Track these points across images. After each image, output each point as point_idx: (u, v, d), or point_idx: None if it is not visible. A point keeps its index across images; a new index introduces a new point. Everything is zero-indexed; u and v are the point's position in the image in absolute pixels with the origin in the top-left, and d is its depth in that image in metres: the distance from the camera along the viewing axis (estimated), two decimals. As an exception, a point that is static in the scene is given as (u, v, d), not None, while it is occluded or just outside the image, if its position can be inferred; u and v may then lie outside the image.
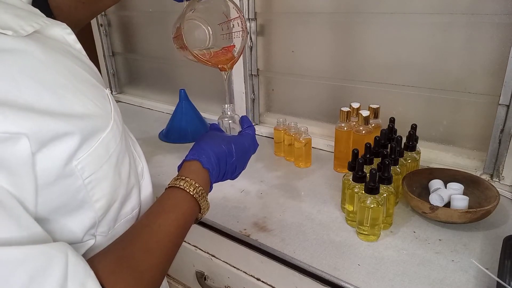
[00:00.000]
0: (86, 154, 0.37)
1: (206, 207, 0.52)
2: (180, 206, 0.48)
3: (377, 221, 0.67)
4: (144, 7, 1.42)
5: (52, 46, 0.39)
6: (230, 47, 0.73)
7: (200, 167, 0.53)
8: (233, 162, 0.58)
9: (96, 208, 0.40)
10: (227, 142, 0.58)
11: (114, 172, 0.42)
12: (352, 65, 1.01)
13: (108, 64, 1.61)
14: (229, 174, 0.58)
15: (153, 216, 0.46)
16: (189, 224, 0.49)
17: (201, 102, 1.30)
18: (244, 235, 0.73)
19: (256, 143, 0.65)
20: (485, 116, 0.84)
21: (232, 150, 0.57)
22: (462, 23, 0.82)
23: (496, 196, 0.70)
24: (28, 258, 0.30)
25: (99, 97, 0.41)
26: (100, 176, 0.39)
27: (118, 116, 0.44)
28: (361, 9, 0.94)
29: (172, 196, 0.49)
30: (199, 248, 0.82)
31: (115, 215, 0.45)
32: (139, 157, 0.53)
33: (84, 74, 0.41)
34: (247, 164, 0.63)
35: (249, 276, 0.74)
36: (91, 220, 0.40)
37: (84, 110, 0.38)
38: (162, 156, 1.08)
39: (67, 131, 0.35)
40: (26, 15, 0.38)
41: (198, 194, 0.50)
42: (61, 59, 0.39)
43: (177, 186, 0.50)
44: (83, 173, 0.37)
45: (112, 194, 0.42)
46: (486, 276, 0.59)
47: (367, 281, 0.60)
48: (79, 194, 0.38)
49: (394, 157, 0.75)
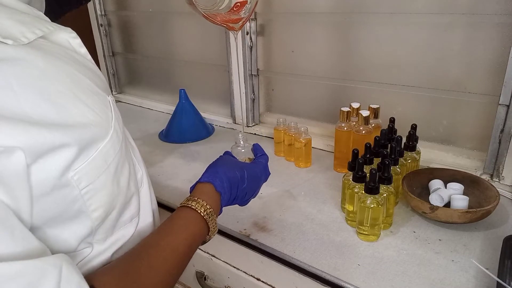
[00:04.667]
0: (84, 164, 0.37)
1: (214, 230, 0.53)
2: (189, 226, 0.49)
3: (377, 221, 0.67)
4: (144, 7, 1.42)
5: (54, 53, 0.39)
6: (243, 2, 0.67)
7: (212, 189, 0.54)
8: (244, 188, 0.59)
9: (93, 217, 0.40)
10: (240, 168, 0.59)
11: (113, 181, 0.42)
12: (352, 65, 1.01)
13: (108, 64, 1.61)
14: (239, 199, 0.59)
15: (162, 234, 0.47)
16: (197, 244, 0.50)
17: (201, 102, 1.30)
18: (244, 235, 0.73)
19: (268, 172, 0.66)
20: (485, 116, 0.84)
21: (244, 176, 0.58)
22: (462, 23, 0.82)
23: (496, 196, 0.70)
24: (20, 273, 0.30)
25: (101, 105, 0.41)
26: (97, 186, 0.39)
27: (118, 123, 0.43)
28: (361, 9, 0.94)
29: (183, 215, 0.50)
30: (199, 248, 0.82)
31: (113, 223, 0.44)
32: (139, 163, 0.52)
33: (87, 81, 0.41)
34: (259, 192, 0.65)
35: (249, 276, 0.74)
36: (88, 229, 0.40)
37: (83, 120, 0.37)
38: (162, 156, 1.08)
39: (63, 142, 0.35)
40: (30, 21, 0.38)
41: (208, 216, 0.51)
42: (64, 66, 0.39)
43: (189, 206, 0.51)
44: (80, 183, 0.37)
45: (110, 203, 0.42)
46: (486, 276, 0.59)
47: (367, 281, 0.60)
48: (75, 204, 0.38)
49: (394, 157, 0.75)
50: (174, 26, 1.36)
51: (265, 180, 0.66)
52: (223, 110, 1.32)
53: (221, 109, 1.33)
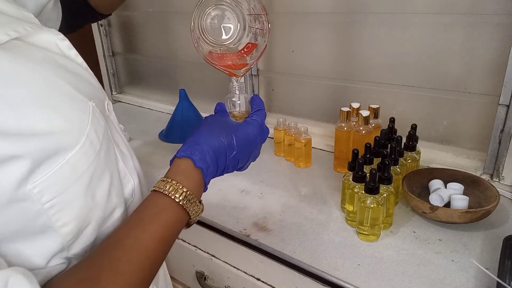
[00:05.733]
0: (45, 177, 0.34)
1: (197, 211, 0.46)
2: (162, 216, 0.42)
3: (377, 221, 0.67)
4: (144, 7, 1.42)
5: (28, 56, 0.37)
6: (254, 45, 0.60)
7: (191, 166, 0.46)
8: (235, 156, 0.50)
9: (63, 233, 0.37)
10: (228, 133, 0.50)
11: (86, 194, 0.38)
12: (352, 65, 1.01)
13: (108, 64, 1.61)
14: (230, 168, 0.51)
15: (128, 229, 0.41)
16: (174, 235, 0.44)
17: (201, 102, 1.30)
18: (244, 235, 0.73)
19: (264, 131, 0.55)
20: (485, 116, 0.84)
21: (233, 143, 0.50)
22: (462, 23, 0.82)
23: (496, 196, 0.70)
24: None
25: (76, 111, 0.38)
26: (66, 199, 0.36)
27: (96, 131, 0.40)
28: (361, 9, 0.94)
29: (154, 203, 0.43)
30: (199, 248, 0.82)
31: (92, 237, 0.41)
32: (130, 173, 0.48)
33: (64, 85, 0.38)
34: (259, 153, 0.57)
35: (249, 276, 0.74)
36: (58, 244, 0.37)
37: (47, 128, 0.35)
38: (162, 156, 1.08)
39: (14, 154, 0.32)
40: (7, 21, 0.36)
41: (186, 200, 0.44)
42: (37, 69, 0.36)
43: (161, 191, 0.43)
44: (42, 197, 0.34)
45: (83, 217, 0.39)
46: (486, 276, 0.59)
47: (367, 281, 0.60)
48: (38, 218, 0.35)
49: (394, 157, 0.75)
50: (174, 26, 1.36)
51: (262, 141, 0.55)
52: (223, 110, 1.32)
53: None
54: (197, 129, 0.51)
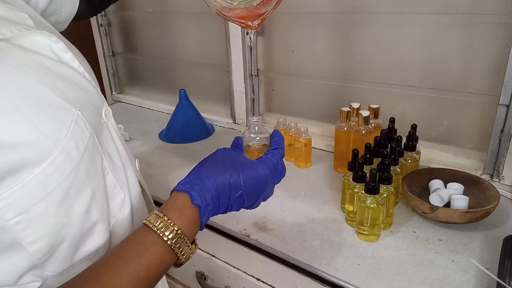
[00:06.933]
0: (7, 193, 0.32)
1: (187, 253, 0.42)
2: (144, 255, 0.38)
3: (377, 221, 0.67)
4: (144, 7, 1.42)
5: (9, 60, 0.34)
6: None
7: (188, 202, 0.42)
8: (240, 196, 0.46)
9: (32, 250, 0.35)
10: (235, 170, 0.46)
11: (57, 210, 0.36)
12: (352, 65, 1.01)
13: (108, 64, 1.61)
14: (235, 207, 0.47)
15: (106, 264, 0.37)
16: (156, 276, 0.40)
17: (201, 102, 1.30)
18: (244, 235, 0.73)
19: (279, 171, 0.51)
20: (485, 116, 0.84)
21: (239, 182, 0.45)
22: (462, 23, 0.82)
23: (496, 196, 0.70)
24: None
25: (53, 121, 0.35)
26: (34, 216, 0.34)
27: (77, 142, 0.37)
28: (361, 9, 0.94)
29: (139, 239, 0.39)
30: (199, 248, 0.82)
31: (68, 255, 0.39)
32: (121, 186, 0.45)
33: (46, 93, 0.36)
34: (272, 193, 0.53)
35: (249, 276, 0.74)
36: (28, 262, 0.36)
37: (13, 140, 0.32)
38: (162, 156, 1.08)
39: None
40: None
41: (175, 240, 0.40)
42: (15, 75, 0.34)
43: (150, 226, 0.40)
44: (6, 213, 0.33)
45: (55, 234, 0.36)
46: (486, 276, 0.59)
47: (367, 281, 0.60)
48: (5, 235, 0.33)
49: (394, 157, 0.75)
50: (174, 26, 1.36)
51: (275, 181, 0.51)
52: (223, 110, 1.32)
53: (221, 109, 1.33)
54: (203, 161, 0.47)
